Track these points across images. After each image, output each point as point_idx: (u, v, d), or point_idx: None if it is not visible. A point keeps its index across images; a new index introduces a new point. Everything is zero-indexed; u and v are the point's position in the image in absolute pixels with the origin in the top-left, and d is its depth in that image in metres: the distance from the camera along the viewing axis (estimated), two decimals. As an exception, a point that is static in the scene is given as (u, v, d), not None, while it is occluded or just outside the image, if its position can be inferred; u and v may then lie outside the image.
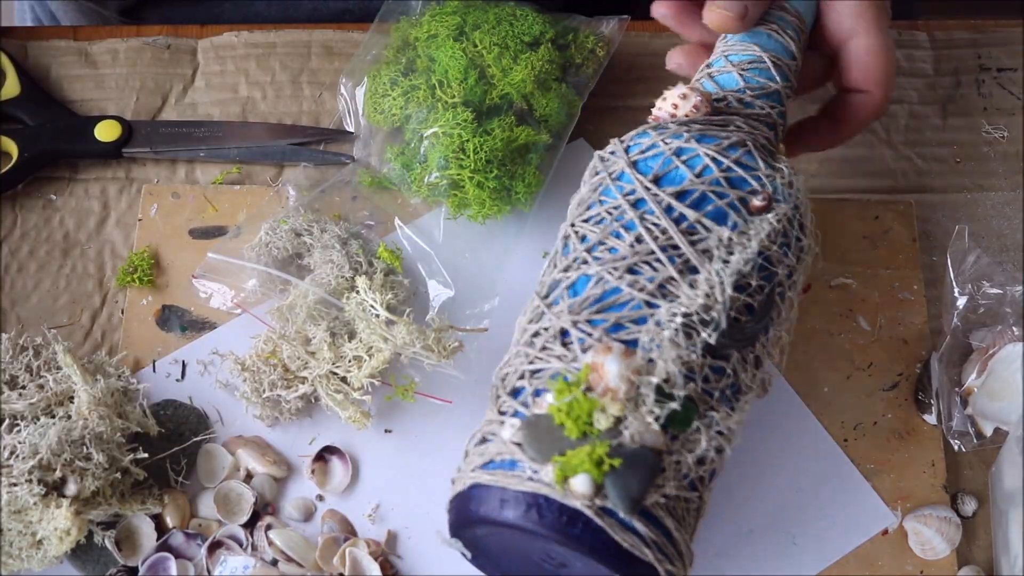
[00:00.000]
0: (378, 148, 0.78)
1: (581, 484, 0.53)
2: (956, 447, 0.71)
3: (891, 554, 0.69)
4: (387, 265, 0.74)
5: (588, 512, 0.54)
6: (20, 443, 0.65)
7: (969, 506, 0.70)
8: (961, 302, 0.72)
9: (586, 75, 0.79)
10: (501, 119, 0.74)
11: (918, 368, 0.74)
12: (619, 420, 0.55)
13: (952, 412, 0.71)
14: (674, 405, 0.55)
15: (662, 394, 0.55)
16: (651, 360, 0.56)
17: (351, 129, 0.80)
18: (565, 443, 0.54)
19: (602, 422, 0.55)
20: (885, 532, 0.70)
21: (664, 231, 0.59)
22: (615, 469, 0.54)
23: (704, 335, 0.57)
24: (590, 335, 0.57)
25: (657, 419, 0.55)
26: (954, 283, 0.73)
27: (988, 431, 0.71)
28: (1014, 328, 0.71)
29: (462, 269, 0.75)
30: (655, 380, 0.55)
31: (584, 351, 0.57)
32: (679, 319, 0.57)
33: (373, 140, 0.78)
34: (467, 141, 0.73)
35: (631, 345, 0.57)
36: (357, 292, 0.71)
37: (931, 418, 0.72)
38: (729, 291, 0.57)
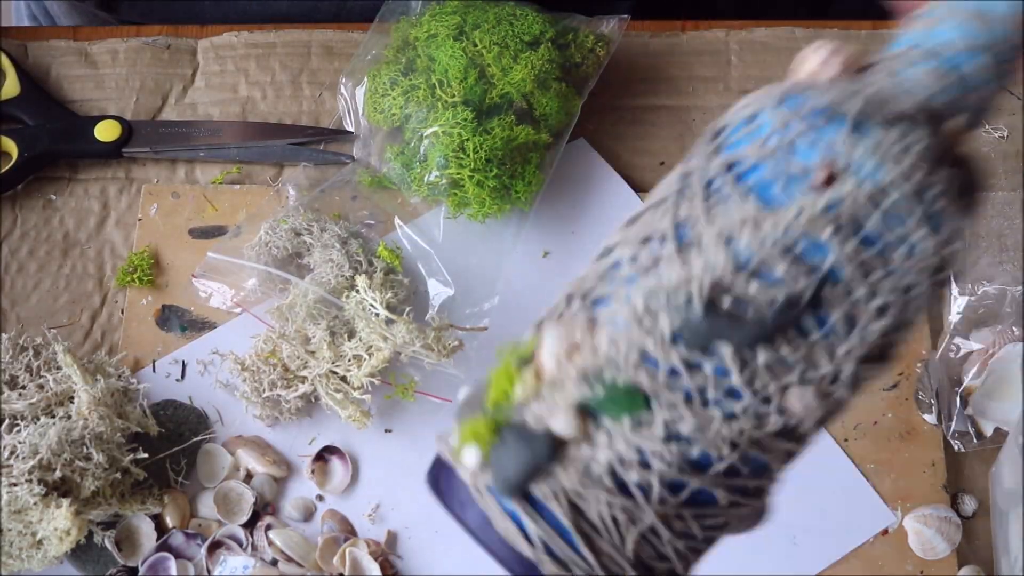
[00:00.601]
0: (378, 148, 0.78)
1: (467, 454, 0.49)
2: (956, 447, 0.71)
3: (891, 554, 0.69)
4: (387, 264, 0.74)
5: (471, 488, 0.49)
6: (20, 443, 0.65)
7: (969, 506, 0.70)
8: (961, 302, 0.72)
9: (586, 74, 0.79)
10: (501, 118, 0.74)
11: (918, 368, 0.74)
12: (534, 397, 0.49)
13: (952, 412, 0.71)
14: (599, 392, 0.48)
15: (595, 379, 0.49)
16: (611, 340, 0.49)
17: (351, 129, 0.80)
18: (480, 410, 0.50)
19: (518, 395, 0.49)
20: (885, 532, 0.70)
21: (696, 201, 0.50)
22: (496, 445, 0.49)
23: (665, 317, 0.48)
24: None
25: (575, 405, 0.49)
26: (954, 283, 0.73)
27: (988, 431, 0.71)
28: (1014, 328, 0.71)
29: (462, 268, 0.75)
30: (584, 364, 0.49)
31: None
32: (641, 297, 0.49)
33: (373, 140, 0.78)
34: (467, 140, 0.73)
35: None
36: (357, 291, 0.71)
37: (931, 418, 0.72)
38: (717, 265, 0.48)
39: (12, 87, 0.82)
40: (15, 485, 0.64)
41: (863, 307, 0.48)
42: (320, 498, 0.71)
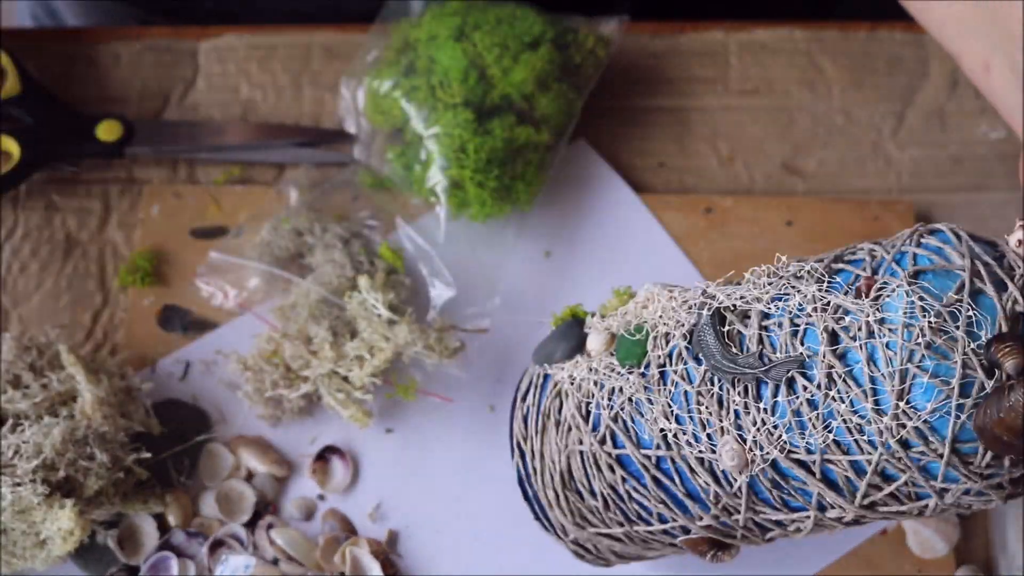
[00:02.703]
0: (379, 148, 0.78)
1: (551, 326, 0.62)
2: (955, 446, 0.71)
3: (890, 553, 0.70)
4: (389, 265, 0.75)
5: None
6: (24, 443, 0.65)
7: (968, 505, 0.70)
8: (960, 302, 0.72)
9: (586, 75, 0.79)
10: (501, 119, 0.75)
11: (917, 368, 0.74)
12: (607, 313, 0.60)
13: (951, 412, 0.71)
14: (626, 335, 0.57)
15: (634, 325, 0.57)
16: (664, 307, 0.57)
17: (352, 130, 0.80)
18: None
19: (607, 307, 0.60)
20: (884, 531, 0.70)
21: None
22: (557, 327, 0.61)
23: (688, 312, 0.55)
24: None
25: (611, 334, 0.58)
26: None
27: (987, 431, 0.71)
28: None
29: (463, 269, 0.75)
30: (640, 313, 0.57)
31: None
32: (692, 292, 0.56)
33: (374, 141, 0.79)
34: (468, 141, 0.73)
35: None
36: (359, 291, 0.71)
37: (930, 418, 0.72)
38: (747, 296, 0.53)
39: (13, 86, 0.82)
40: (19, 485, 0.64)
41: (810, 411, 0.50)
42: (321, 497, 0.71)
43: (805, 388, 0.50)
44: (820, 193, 0.80)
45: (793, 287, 0.51)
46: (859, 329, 0.48)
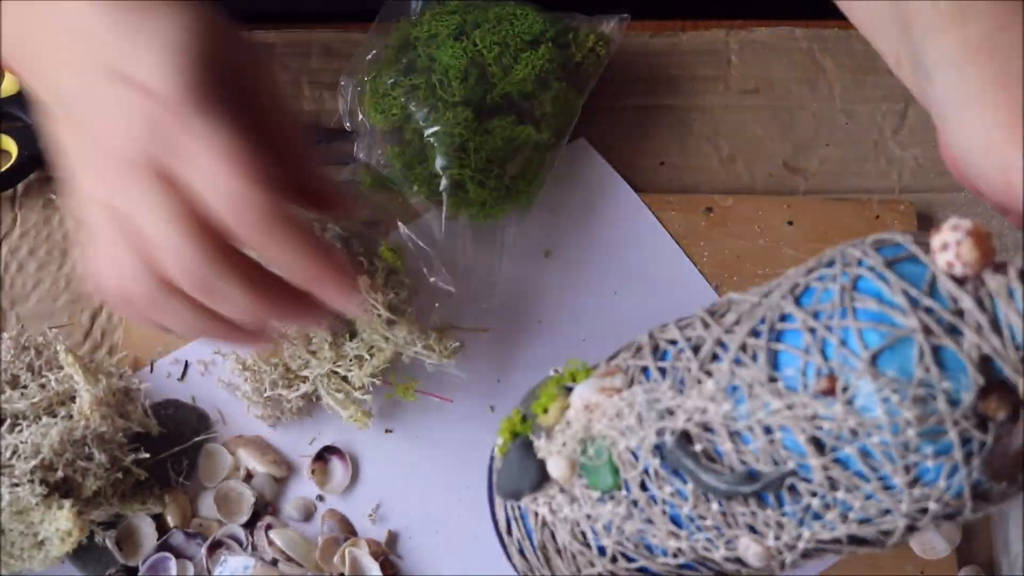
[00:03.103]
0: (379, 148, 0.78)
1: (495, 451, 0.56)
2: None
3: (892, 554, 0.69)
4: (389, 264, 0.74)
5: (491, 468, 0.58)
6: (22, 443, 0.65)
7: (969, 506, 0.70)
8: (962, 302, 0.72)
9: (586, 74, 0.79)
10: (502, 118, 0.74)
11: (918, 368, 0.74)
12: (550, 430, 0.54)
13: (952, 412, 0.71)
14: (588, 458, 0.53)
15: (591, 444, 0.53)
16: (625, 423, 0.52)
17: (352, 129, 0.80)
18: (529, 404, 0.57)
19: (546, 417, 0.55)
20: (886, 532, 0.70)
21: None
22: (507, 453, 0.56)
23: (652, 429, 0.51)
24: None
25: (570, 458, 0.54)
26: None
27: (988, 431, 0.71)
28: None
29: (463, 268, 0.75)
30: (590, 424, 0.53)
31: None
32: (644, 401, 0.52)
33: (374, 140, 0.78)
34: (468, 140, 0.73)
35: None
36: (359, 291, 0.71)
37: (931, 418, 0.72)
38: (707, 410, 0.50)
39: (11, 85, 0.82)
40: (17, 485, 0.64)
41: (824, 510, 0.50)
42: (320, 498, 0.71)
43: (812, 493, 0.49)
44: (821, 192, 0.80)
45: (742, 380, 0.49)
46: (841, 431, 0.47)
